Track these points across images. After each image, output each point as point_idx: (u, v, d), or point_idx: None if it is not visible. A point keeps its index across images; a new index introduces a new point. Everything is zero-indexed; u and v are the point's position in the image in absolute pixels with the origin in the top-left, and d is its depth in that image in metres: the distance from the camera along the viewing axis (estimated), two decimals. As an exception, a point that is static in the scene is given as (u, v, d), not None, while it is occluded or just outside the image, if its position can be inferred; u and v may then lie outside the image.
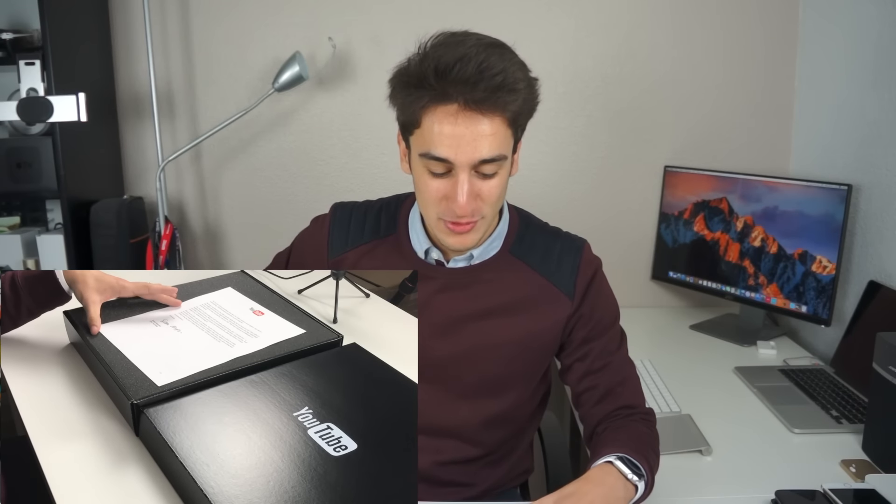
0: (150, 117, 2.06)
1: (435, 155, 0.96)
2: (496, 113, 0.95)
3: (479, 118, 0.94)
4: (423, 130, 0.97)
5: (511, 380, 1.16)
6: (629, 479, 0.97)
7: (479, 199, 1.00)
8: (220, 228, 2.25)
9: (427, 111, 0.96)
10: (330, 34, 2.04)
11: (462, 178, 0.97)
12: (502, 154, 0.98)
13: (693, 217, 2.06)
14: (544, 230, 1.19)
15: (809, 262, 1.77)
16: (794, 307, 1.81)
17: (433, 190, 1.00)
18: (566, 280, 1.13)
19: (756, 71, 2.11)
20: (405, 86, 0.97)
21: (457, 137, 0.95)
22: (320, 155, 2.19)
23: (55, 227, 2.15)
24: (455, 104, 0.94)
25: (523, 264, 1.13)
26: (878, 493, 1.05)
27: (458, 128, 0.94)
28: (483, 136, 0.95)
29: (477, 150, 0.95)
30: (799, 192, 1.79)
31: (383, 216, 1.18)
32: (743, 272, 1.94)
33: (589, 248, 1.17)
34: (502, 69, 0.94)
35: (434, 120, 0.95)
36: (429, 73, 0.93)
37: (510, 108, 0.95)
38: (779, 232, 1.85)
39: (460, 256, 1.12)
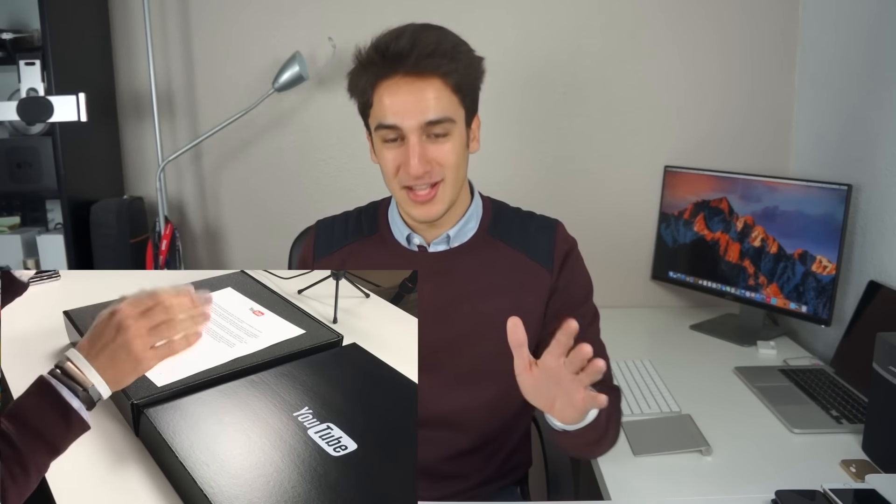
0: (150, 117, 2.06)
1: (385, 123, 1.06)
2: (434, 76, 1.04)
3: (420, 83, 1.04)
4: (375, 107, 1.07)
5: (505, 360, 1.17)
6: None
7: (433, 163, 1.07)
8: (220, 228, 2.25)
9: (376, 89, 1.06)
10: (330, 34, 2.04)
11: (413, 141, 1.05)
12: (448, 116, 1.06)
13: (693, 217, 2.06)
14: (518, 212, 1.25)
15: (809, 262, 1.77)
16: (794, 307, 1.81)
17: (390, 160, 1.08)
18: (543, 254, 1.19)
19: (756, 71, 2.11)
20: (356, 73, 1.08)
21: (401, 104, 1.04)
22: (320, 155, 2.19)
23: (55, 227, 2.15)
24: (397, 75, 1.04)
25: (502, 243, 1.19)
26: (878, 493, 1.05)
27: (401, 95, 1.04)
28: (426, 99, 1.04)
29: (422, 111, 1.04)
30: (799, 192, 1.79)
31: (364, 219, 1.25)
32: (743, 272, 1.94)
33: (563, 227, 1.23)
34: (435, 39, 1.04)
35: (382, 94, 1.05)
36: (371, 53, 1.06)
37: (446, 71, 1.04)
38: (779, 232, 1.85)
39: (438, 239, 1.17)
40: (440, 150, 1.07)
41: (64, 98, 1.56)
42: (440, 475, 1.16)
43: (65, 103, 1.56)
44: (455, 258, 1.17)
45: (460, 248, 1.18)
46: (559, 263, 1.18)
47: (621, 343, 1.88)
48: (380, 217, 1.23)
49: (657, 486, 1.21)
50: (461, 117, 1.09)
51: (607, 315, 1.44)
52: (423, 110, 1.04)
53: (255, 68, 2.13)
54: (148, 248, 2.04)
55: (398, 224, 1.19)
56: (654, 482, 1.22)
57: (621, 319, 2.07)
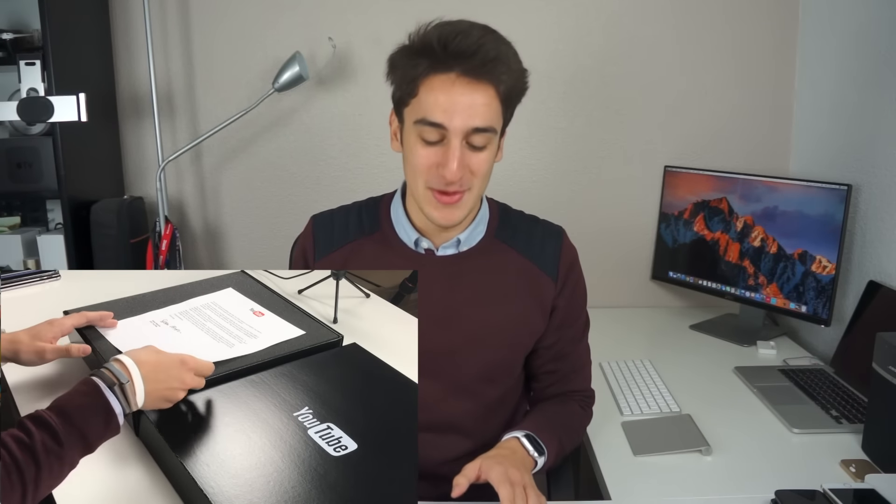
0: (150, 117, 2.06)
1: (430, 120, 1.01)
2: (490, 84, 1.00)
3: (475, 87, 1.00)
4: (420, 99, 1.02)
5: (507, 365, 1.20)
6: (530, 454, 1.10)
7: (468, 171, 1.04)
8: (220, 228, 2.25)
9: (425, 80, 1.01)
10: (330, 34, 2.04)
11: (455, 145, 1.01)
12: (493, 126, 1.03)
13: (693, 217, 2.06)
14: (522, 217, 1.24)
15: (809, 262, 1.77)
16: (794, 307, 1.81)
17: (424, 158, 1.04)
18: (550, 263, 1.18)
19: (756, 71, 2.11)
20: (407, 55, 1.03)
21: (452, 104, 0.99)
22: (320, 155, 2.19)
23: (55, 227, 2.15)
24: (453, 73, 0.99)
25: (510, 248, 1.18)
26: (878, 493, 1.05)
27: (454, 96, 0.99)
28: (477, 105, 1.00)
29: (471, 117, 1.00)
30: (799, 192, 1.79)
31: (364, 215, 1.21)
32: (743, 272, 1.94)
33: (567, 235, 1.23)
34: (496, 46, 1.01)
35: (432, 87, 1.00)
36: (432, 42, 1.00)
37: (504, 81, 1.01)
38: (779, 232, 1.85)
39: (448, 243, 1.15)
40: (477, 158, 1.04)
41: (64, 98, 1.56)
42: (440, 477, 1.16)
43: (65, 103, 1.56)
44: (464, 262, 1.16)
45: (469, 252, 1.16)
46: (564, 275, 1.18)
47: (621, 343, 1.88)
48: (381, 215, 1.20)
49: (657, 486, 1.21)
50: (499, 128, 1.06)
51: (607, 315, 1.45)
52: (472, 116, 1.00)
53: (255, 68, 2.13)
54: (148, 248, 2.04)
55: (405, 225, 1.16)
56: (654, 482, 1.22)
57: (621, 319, 2.07)
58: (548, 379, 1.24)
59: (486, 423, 1.19)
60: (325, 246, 1.20)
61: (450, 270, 1.15)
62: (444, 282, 1.14)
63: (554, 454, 1.14)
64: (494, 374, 1.18)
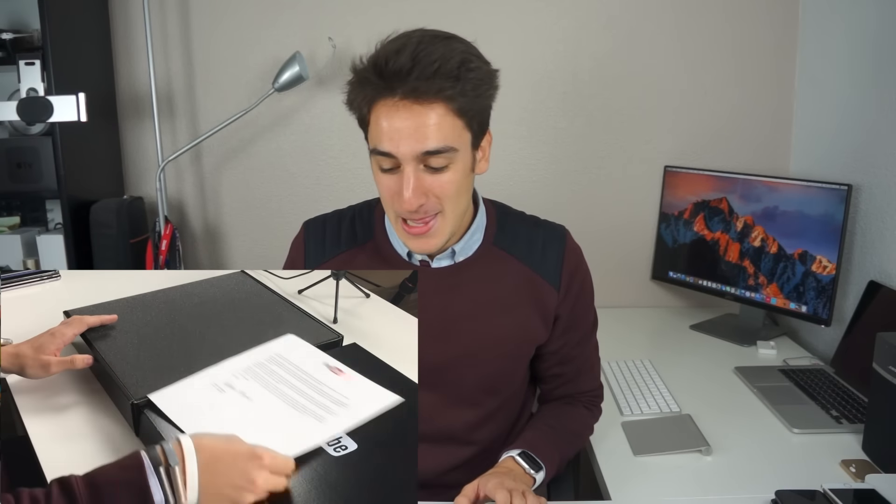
0: (150, 117, 2.06)
1: (380, 150, 0.96)
2: (436, 101, 0.93)
3: (419, 108, 0.93)
4: (372, 128, 0.97)
5: (508, 375, 1.17)
6: (527, 472, 1.08)
7: (429, 195, 0.98)
8: (220, 228, 2.25)
9: (374, 107, 0.96)
10: (330, 34, 2.04)
11: (407, 172, 0.95)
12: (449, 146, 0.95)
13: (693, 217, 2.06)
14: (523, 219, 1.18)
15: (809, 262, 1.77)
16: (794, 307, 1.81)
17: (385, 187, 1.00)
18: (552, 271, 1.13)
19: (756, 71, 2.11)
20: (353, 85, 0.98)
21: (398, 130, 0.93)
22: (320, 155, 2.19)
23: (55, 227, 2.15)
24: (395, 97, 0.93)
25: (509, 256, 1.13)
26: (878, 493, 1.05)
27: (398, 120, 0.93)
28: (425, 126, 0.93)
29: (419, 141, 0.94)
30: (799, 192, 1.79)
31: (357, 223, 1.17)
32: (743, 272, 1.94)
33: (570, 236, 1.18)
34: (440, 56, 0.92)
35: (379, 115, 0.95)
36: (368, 69, 0.94)
37: (450, 95, 0.92)
38: (779, 232, 1.85)
39: (443, 254, 1.11)
40: (438, 181, 0.97)
41: (64, 98, 1.56)
42: (439, 485, 1.16)
43: (65, 103, 1.56)
44: (460, 273, 1.11)
45: (466, 263, 1.11)
46: (567, 281, 1.14)
47: (621, 343, 1.88)
48: (375, 222, 1.16)
49: (657, 486, 1.21)
50: (466, 142, 0.98)
51: (607, 315, 1.45)
52: (420, 139, 0.93)
53: (255, 68, 2.13)
54: (148, 248, 2.04)
55: (397, 238, 1.11)
56: (654, 482, 1.22)
57: (621, 319, 2.07)
58: (554, 381, 1.23)
59: (486, 432, 1.18)
60: (316, 256, 1.16)
61: (446, 282, 1.11)
62: (441, 294, 1.10)
63: (554, 467, 1.12)
64: (494, 384, 1.16)
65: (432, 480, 1.13)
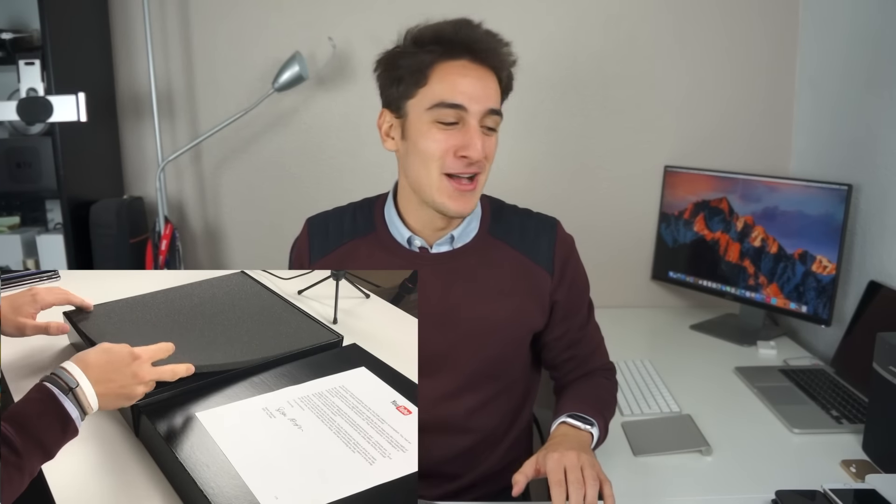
0: (150, 117, 2.06)
1: (450, 102, 1.03)
2: (493, 71, 1.07)
3: (485, 72, 1.06)
4: (432, 86, 1.05)
5: (506, 360, 1.19)
6: (582, 429, 1.10)
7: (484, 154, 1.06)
8: (220, 228, 2.25)
9: (436, 67, 1.05)
10: (330, 34, 2.04)
11: (473, 125, 1.04)
12: (501, 110, 1.08)
13: (693, 217, 2.06)
14: (516, 211, 1.24)
15: (809, 262, 1.77)
16: (795, 307, 1.81)
17: (441, 142, 1.05)
18: (545, 256, 1.18)
19: (756, 71, 2.11)
20: (414, 45, 1.06)
21: (470, 86, 1.04)
22: (320, 155, 2.19)
23: (55, 227, 2.15)
24: (463, 59, 1.05)
25: (503, 243, 1.18)
26: (878, 493, 1.05)
27: (469, 79, 1.04)
28: (489, 87, 1.06)
29: (487, 98, 1.05)
30: (799, 192, 1.79)
31: (359, 217, 1.22)
32: (743, 272, 1.94)
33: (561, 226, 1.23)
34: (496, 39, 1.08)
35: (445, 73, 1.04)
36: (444, 31, 1.05)
37: (505, 69, 1.08)
38: (779, 232, 1.85)
39: (442, 240, 1.16)
40: (489, 142, 1.08)
41: (64, 98, 1.57)
42: (440, 475, 1.16)
43: (64, 103, 1.57)
44: (459, 259, 1.16)
45: (463, 249, 1.16)
46: (560, 266, 1.18)
47: (621, 343, 1.87)
48: (375, 215, 1.20)
49: (657, 486, 1.21)
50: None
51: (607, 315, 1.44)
52: (488, 97, 1.05)
53: (255, 68, 2.13)
54: (148, 248, 2.04)
55: (397, 225, 1.16)
56: (654, 482, 1.22)
57: (621, 319, 2.07)
58: (567, 366, 1.25)
59: (486, 418, 1.19)
60: (321, 248, 1.20)
61: (445, 268, 1.15)
62: (439, 279, 1.15)
63: (603, 424, 1.14)
64: (494, 370, 1.18)
65: (432, 470, 1.13)
